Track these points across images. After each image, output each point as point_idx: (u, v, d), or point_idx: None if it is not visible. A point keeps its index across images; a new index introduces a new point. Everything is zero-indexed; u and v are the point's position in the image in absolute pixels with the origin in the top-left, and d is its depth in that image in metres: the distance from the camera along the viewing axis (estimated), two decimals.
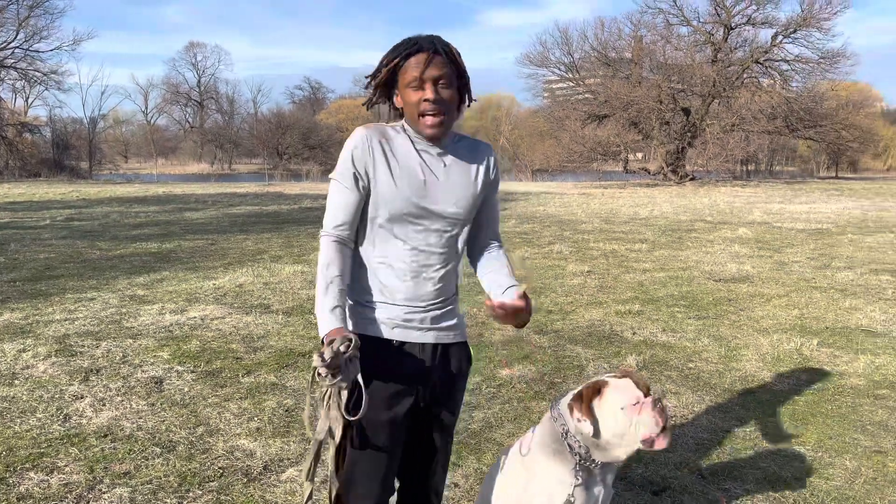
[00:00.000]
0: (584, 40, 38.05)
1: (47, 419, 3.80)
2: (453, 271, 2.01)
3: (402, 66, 1.86)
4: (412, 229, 1.91)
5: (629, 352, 5.10)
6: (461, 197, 1.94)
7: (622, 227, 13.47)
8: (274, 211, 16.60)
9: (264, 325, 5.78)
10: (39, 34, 39.98)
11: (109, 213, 15.77)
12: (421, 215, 1.90)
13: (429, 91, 1.83)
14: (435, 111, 1.84)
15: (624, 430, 1.96)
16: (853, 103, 36.63)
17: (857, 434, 3.73)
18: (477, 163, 2.00)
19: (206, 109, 73.31)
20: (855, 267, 8.74)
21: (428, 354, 1.96)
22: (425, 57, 1.82)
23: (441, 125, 1.86)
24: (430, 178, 1.91)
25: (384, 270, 1.93)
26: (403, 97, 1.88)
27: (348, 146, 1.90)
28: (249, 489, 3.07)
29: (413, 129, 1.91)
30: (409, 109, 1.87)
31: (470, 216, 1.99)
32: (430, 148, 1.93)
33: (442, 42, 1.87)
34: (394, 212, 1.88)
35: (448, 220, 1.94)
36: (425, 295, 1.94)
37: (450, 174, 1.94)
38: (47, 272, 8.13)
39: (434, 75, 1.83)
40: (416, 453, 2.08)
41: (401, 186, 1.87)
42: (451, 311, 2.02)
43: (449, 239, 1.96)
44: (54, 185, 28.11)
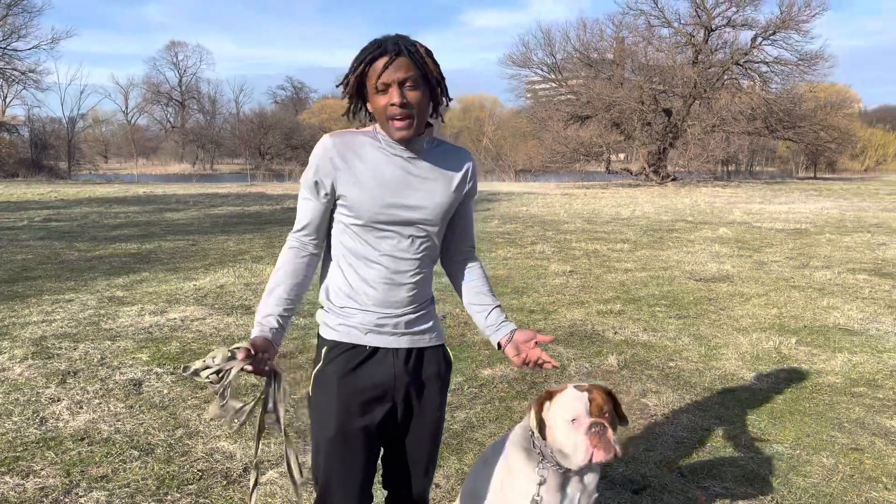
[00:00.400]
0: (567, 41, 38.16)
1: (23, 422, 3.74)
2: (427, 277, 1.98)
3: (367, 70, 1.81)
4: (383, 235, 1.88)
5: (610, 351, 5.13)
6: (433, 203, 1.90)
7: (604, 227, 13.54)
8: (256, 211, 16.50)
9: (245, 326, 5.73)
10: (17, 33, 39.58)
11: (88, 213, 15.59)
12: (392, 221, 1.87)
13: (394, 95, 1.77)
14: (402, 115, 1.79)
15: (565, 442, 1.95)
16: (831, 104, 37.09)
17: (834, 432, 3.77)
18: (454, 170, 1.95)
19: (187, 109, 72.76)
20: (833, 266, 8.84)
21: (401, 360, 1.93)
22: (387, 60, 1.77)
23: (409, 128, 1.80)
24: (400, 184, 1.86)
25: (356, 276, 1.90)
26: (371, 102, 1.84)
27: (314, 155, 1.88)
28: (229, 492, 3.04)
29: (385, 132, 1.87)
30: (378, 114, 1.84)
31: (442, 222, 1.95)
32: (403, 152, 1.88)
33: (407, 42, 1.81)
34: (364, 219, 1.85)
35: (419, 226, 1.90)
36: (398, 301, 1.91)
37: (424, 180, 1.89)
38: (24, 273, 8.02)
39: (399, 78, 1.77)
40: (400, 460, 2.04)
41: (369, 194, 1.84)
42: (425, 316, 1.98)
43: (422, 245, 1.92)
44: (32, 186, 27.75)
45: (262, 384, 1.87)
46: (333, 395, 1.88)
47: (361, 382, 1.89)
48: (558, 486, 2.02)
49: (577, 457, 1.92)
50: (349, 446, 1.88)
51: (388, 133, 1.84)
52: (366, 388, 1.89)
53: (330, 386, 1.89)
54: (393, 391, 1.93)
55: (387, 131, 1.85)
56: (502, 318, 2.04)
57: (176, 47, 73.13)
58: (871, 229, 13.00)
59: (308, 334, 5.50)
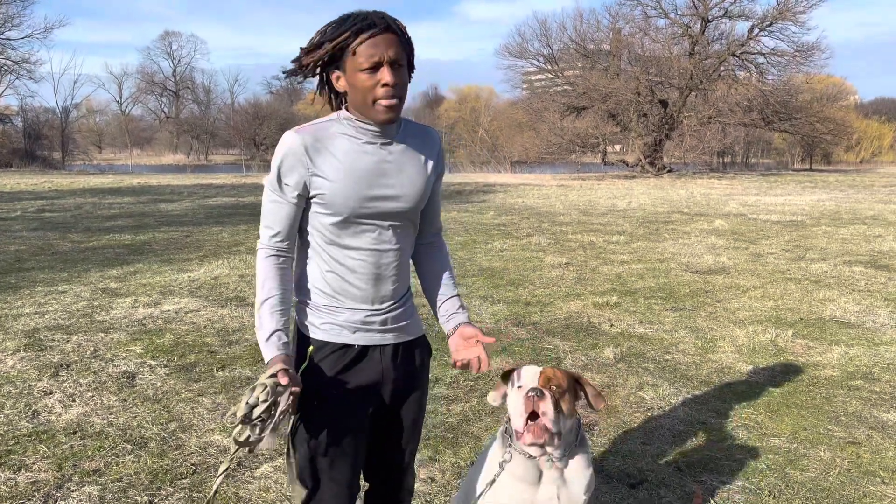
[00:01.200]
0: (563, 32, 38.05)
1: (15, 416, 3.71)
2: (407, 266, 1.94)
3: (350, 44, 1.66)
4: (364, 229, 1.80)
5: (607, 344, 5.11)
6: (412, 188, 1.83)
7: (600, 218, 13.52)
8: (251, 202, 16.42)
9: (240, 318, 5.70)
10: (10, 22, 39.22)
11: (82, 204, 15.50)
12: (372, 214, 1.79)
13: (387, 75, 1.66)
14: (392, 96, 1.68)
15: (510, 408, 1.98)
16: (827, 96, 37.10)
17: (831, 425, 3.76)
18: (426, 151, 1.87)
19: (181, 99, 72.36)
20: (829, 258, 8.84)
21: (388, 356, 1.90)
22: (384, 35, 1.66)
23: (397, 110, 1.71)
24: (376, 174, 1.77)
25: (338, 273, 1.82)
26: (352, 80, 1.69)
27: (278, 154, 1.75)
28: (223, 486, 3.01)
29: (361, 115, 1.74)
30: (359, 94, 1.69)
31: (422, 205, 1.89)
32: (376, 139, 1.78)
33: (391, 18, 1.70)
34: (343, 214, 1.77)
35: (400, 215, 1.83)
36: (384, 295, 1.86)
37: (399, 165, 1.81)
38: (17, 265, 7.96)
39: (390, 56, 1.66)
40: (385, 453, 2.02)
41: (347, 188, 1.74)
42: (408, 309, 1.95)
43: (402, 234, 1.87)
44: (26, 176, 27.59)
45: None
46: (322, 395, 1.83)
47: (351, 383, 1.85)
48: (531, 479, 1.98)
49: (514, 421, 1.94)
50: (338, 444, 1.85)
51: (370, 115, 1.72)
52: (355, 388, 1.86)
53: (318, 386, 1.83)
54: (381, 388, 1.91)
55: (367, 113, 1.72)
56: (454, 309, 1.99)
57: (170, 37, 72.65)
58: (866, 221, 13.01)
59: None
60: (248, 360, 4.66)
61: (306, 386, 1.83)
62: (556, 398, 1.92)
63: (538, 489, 1.99)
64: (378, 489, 2.08)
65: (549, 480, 1.99)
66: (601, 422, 3.77)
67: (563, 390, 1.94)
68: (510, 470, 1.99)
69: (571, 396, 1.97)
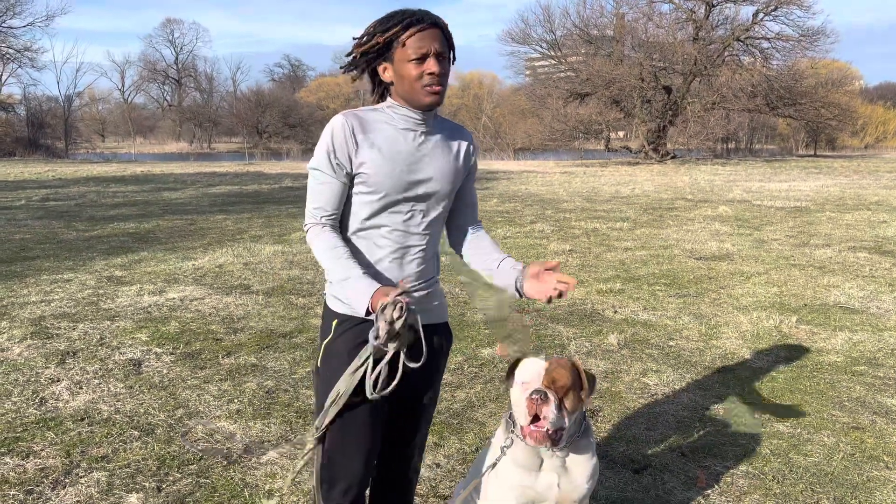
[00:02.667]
0: (566, 17, 37.86)
1: (23, 403, 3.74)
2: (434, 253, 2.03)
3: (399, 36, 1.81)
4: (397, 210, 1.90)
5: (610, 330, 5.12)
6: (446, 174, 1.95)
7: (604, 205, 13.50)
8: (254, 190, 16.43)
9: (244, 305, 5.72)
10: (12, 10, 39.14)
11: (86, 192, 15.52)
12: (407, 197, 1.90)
13: (434, 65, 1.80)
14: (437, 83, 1.83)
15: (514, 402, 1.98)
16: (832, 81, 36.81)
17: (835, 410, 3.77)
18: (458, 145, 2.01)
19: (184, 87, 72.23)
20: (833, 244, 8.82)
21: None
22: (431, 30, 1.81)
23: (440, 95, 1.85)
24: (415, 159, 1.90)
25: (368, 252, 1.92)
26: (400, 70, 1.83)
27: (326, 134, 1.86)
28: (229, 472, 3.04)
29: (407, 101, 1.87)
30: (405, 83, 1.83)
31: (451, 195, 2.00)
32: (416, 127, 1.91)
33: (437, 16, 1.87)
34: (382, 193, 1.87)
35: (433, 199, 1.94)
36: (409, 275, 1.94)
37: (435, 154, 1.94)
38: (22, 253, 7.98)
39: (436, 49, 1.81)
40: (397, 434, 2.07)
41: (388, 168, 1.86)
42: (434, 293, 2.03)
43: (431, 220, 1.96)
44: (30, 165, 27.61)
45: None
46: (343, 368, 1.87)
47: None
48: (533, 466, 1.99)
49: (518, 417, 1.95)
50: (357, 419, 1.89)
51: (416, 100, 1.85)
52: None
53: (340, 359, 1.90)
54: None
55: (412, 98, 1.85)
56: (512, 263, 2.01)
57: (172, 24, 72.46)
58: (871, 207, 12.97)
59: (307, 314, 5.48)
60: (254, 347, 4.68)
61: (330, 358, 1.92)
62: (560, 398, 1.92)
63: (539, 476, 2.00)
64: (387, 466, 2.12)
65: (550, 468, 2.01)
66: (605, 408, 3.79)
67: (568, 389, 1.94)
68: (511, 455, 2.00)
69: (576, 393, 1.97)
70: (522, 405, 1.92)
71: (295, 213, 11.83)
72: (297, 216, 11.46)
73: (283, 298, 5.97)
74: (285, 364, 4.37)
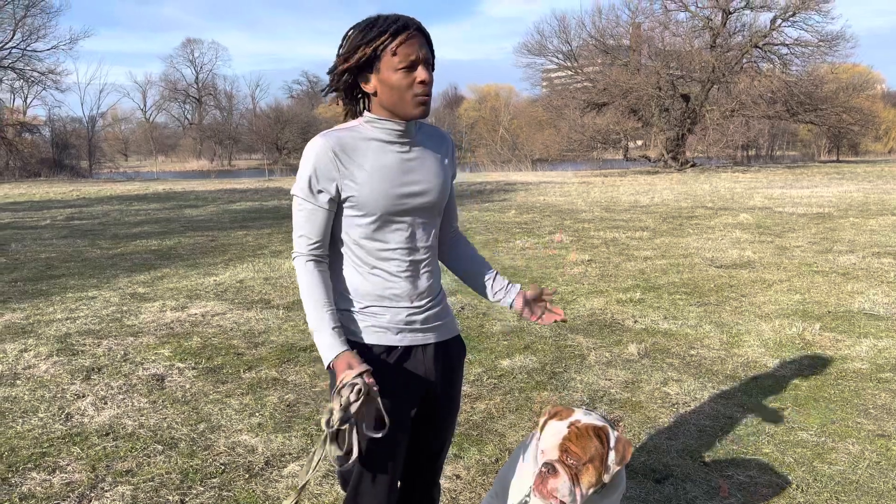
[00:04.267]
0: (582, 28, 37.85)
1: (49, 418, 3.80)
2: (437, 265, 2.01)
3: (388, 45, 1.72)
4: (397, 227, 1.85)
5: (631, 340, 5.09)
6: (437, 184, 1.90)
7: (623, 214, 13.44)
8: (274, 206, 16.58)
9: (265, 320, 5.77)
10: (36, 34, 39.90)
11: (110, 211, 15.76)
12: (404, 212, 1.84)
13: (424, 73, 1.74)
14: (426, 93, 1.77)
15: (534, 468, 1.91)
16: (853, 86, 36.43)
17: (860, 418, 3.72)
18: (440, 149, 1.95)
19: (204, 106, 73.19)
20: (857, 250, 8.71)
21: (430, 355, 1.94)
22: (417, 37, 1.74)
23: (428, 105, 1.79)
24: (402, 172, 1.83)
25: (378, 274, 1.87)
26: (387, 80, 1.74)
27: (308, 159, 1.78)
28: (251, 485, 3.06)
29: (392, 112, 1.79)
30: (394, 93, 1.75)
31: (445, 199, 1.96)
32: (400, 138, 1.83)
33: (419, 21, 1.79)
34: (376, 214, 1.81)
35: (429, 211, 1.89)
36: (421, 291, 1.90)
37: (420, 162, 1.87)
38: (48, 272, 8.13)
39: (423, 56, 1.75)
40: (422, 452, 2.06)
41: (378, 188, 1.79)
42: (444, 308, 2.01)
43: (430, 229, 1.93)
44: (55, 185, 28.10)
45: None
46: None
47: (396, 384, 1.86)
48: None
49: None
50: (382, 447, 1.85)
51: (403, 111, 1.77)
52: (400, 389, 1.87)
53: None
54: (423, 387, 1.94)
55: (400, 109, 1.77)
56: (504, 283, 2.11)
57: (192, 44, 73.58)
58: (895, 212, 12.78)
59: None
60: (274, 361, 4.72)
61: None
62: (574, 473, 1.81)
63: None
64: (411, 485, 2.11)
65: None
66: (626, 417, 3.76)
67: (585, 462, 1.81)
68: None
69: (598, 464, 1.82)
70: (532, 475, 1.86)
71: None
72: None
73: (303, 313, 5.99)
74: (306, 378, 4.40)
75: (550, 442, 1.87)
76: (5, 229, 12.46)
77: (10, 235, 11.51)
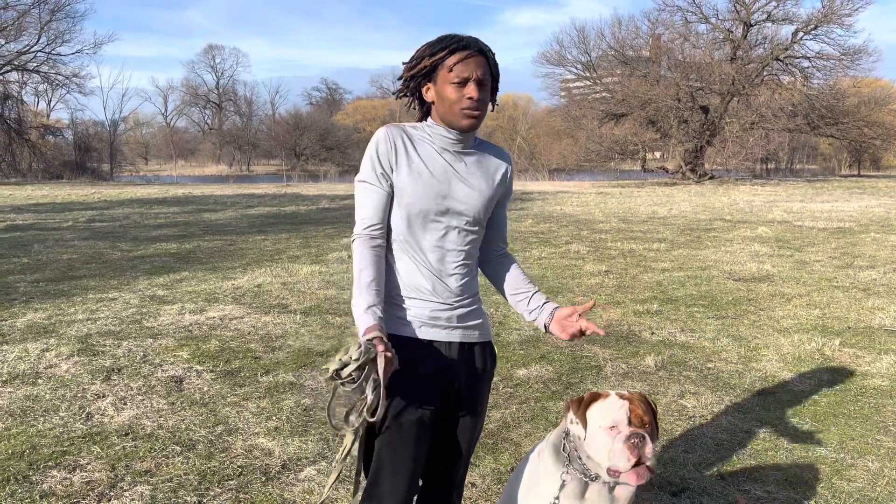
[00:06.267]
0: (602, 39, 37.84)
1: (70, 418, 3.85)
2: (473, 271, 2.04)
3: (445, 60, 1.87)
4: (433, 227, 1.92)
5: (647, 352, 5.07)
6: (480, 197, 1.97)
7: (640, 226, 13.39)
8: (292, 212, 16.69)
9: (282, 324, 5.81)
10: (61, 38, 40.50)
11: (130, 214, 15.94)
12: (442, 213, 1.92)
13: (473, 90, 1.86)
14: (475, 108, 1.87)
15: (600, 449, 1.91)
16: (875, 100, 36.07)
17: (879, 435, 3.68)
18: (496, 167, 2.04)
19: (224, 111, 73.90)
20: (878, 266, 8.62)
21: (455, 353, 1.96)
22: (475, 57, 1.86)
23: (477, 120, 1.90)
24: (451, 178, 1.93)
25: (408, 268, 1.94)
26: (441, 92, 1.89)
27: (371, 145, 1.92)
28: (268, 488, 3.09)
29: (445, 121, 1.92)
30: (445, 104, 1.89)
31: (486, 217, 2.02)
32: (453, 147, 1.95)
33: (484, 44, 1.91)
34: (416, 210, 1.90)
35: (467, 219, 1.96)
36: (450, 290, 1.95)
37: (470, 175, 1.97)
38: (70, 273, 8.23)
39: (479, 76, 1.86)
40: (442, 454, 2.07)
41: (422, 185, 1.89)
42: (476, 311, 2.02)
43: (466, 238, 1.97)
44: (76, 187, 28.47)
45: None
46: None
47: (416, 377, 1.90)
48: (578, 494, 1.97)
49: (618, 464, 1.86)
50: (402, 437, 1.90)
51: (453, 122, 1.90)
52: (420, 382, 1.91)
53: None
54: (445, 385, 1.96)
55: (451, 121, 1.90)
56: (543, 300, 2.09)
57: (213, 50, 74.39)
58: None
59: (344, 333, 5.54)
60: (291, 365, 4.75)
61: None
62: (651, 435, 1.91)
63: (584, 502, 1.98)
64: (432, 488, 2.12)
65: (597, 495, 1.98)
66: None
67: (653, 426, 1.93)
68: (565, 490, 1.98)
69: (657, 432, 1.96)
70: (618, 450, 1.87)
71: (332, 234, 11.99)
72: (334, 237, 11.61)
73: (320, 318, 6.05)
74: (322, 382, 4.43)
75: (618, 416, 1.90)
76: (28, 230, 12.64)
77: (34, 236, 11.67)
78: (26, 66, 40.11)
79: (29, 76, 41.23)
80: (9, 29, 37.84)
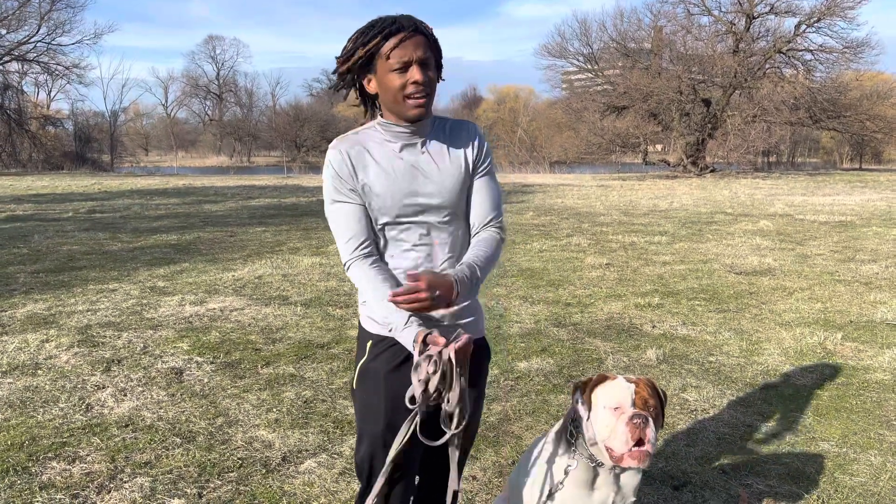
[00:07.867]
0: (603, 31, 37.66)
1: (70, 409, 3.84)
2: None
3: (382, 46, 1.75)
4: (412, 227, 1.87)
5: (649, 345, 5.06)
6: (450, 186, 1.88)
7: (641, 219, 13.37)
8: (292, 203, 16.66)
9: (283, 316, 5.80)
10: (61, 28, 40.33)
11: (130, 205, 15.91)
12: (417, 212, 1.85)
13: (417, 73, 1.74)
14: (421, 93, 1.76)
15: (602, 428, 1.91)
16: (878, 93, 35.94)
17: (882, 429, 3.66)
18: (462, 146, 1.92)
19: (224, 102, 73.68)
20: (880, 260, 8.59)
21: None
22: (412, 37, 1.74)
23: (426, 107, 1.79)
24: (412, 176, 1.84)
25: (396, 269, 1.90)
26: (383, 81, 1.78)
27: (327, 168, 1.85)
28: (268, 480, 3.08)
29: (393, 112, 1.81)
30: (390, 94, 1.78)
31: (460, 203, 1.92)
32: (409, 140, 1.85)
33: (418, 20, 1.79)
34: (390, 215, 1.84)
35: (445, 211, 1.88)
36: None
37: (435, 163, 1.87)
38: (70, 263, 8.21)
39: (419, 56, 1.74)
40: (438, 450, 2.04)
41: (387, 192, 1.82)
42: (468, 307, 1.97)
43: (450, 228, 1.91)
44: (77, 178, 28.42)
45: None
46: (381, 390, 1.87)
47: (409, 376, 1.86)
48: (587, 482, 1.98)
49: (615, 445, 1.87)
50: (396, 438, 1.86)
51: (401, 112, 1.79)
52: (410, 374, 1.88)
53: (377, 381, 1.88)
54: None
55: (398, 111, 1.80)
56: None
57: (214, 41, 74.04)
58: None
59: (344, 325, 5.53)
60: (292, 357, 4.74)
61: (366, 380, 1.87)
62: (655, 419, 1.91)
63: (593, 493, 1.99)
64: (429, 485, 2.10)
65: (605, 483, 1.99)
66: None
67: (658, 411, 1.93)
68: (571, 476, 1.99)
69: (662, 416, 1.96)
70: (620, 430, 1.87)
71: None
72: None
73: (320, 309, 6.03)
74: (323, 374, 4.42)
75: (622, 397, 1.91)
76: (29, 221, 12.62)
77: (34, 227, 11.65)
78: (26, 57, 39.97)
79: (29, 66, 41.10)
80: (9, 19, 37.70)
